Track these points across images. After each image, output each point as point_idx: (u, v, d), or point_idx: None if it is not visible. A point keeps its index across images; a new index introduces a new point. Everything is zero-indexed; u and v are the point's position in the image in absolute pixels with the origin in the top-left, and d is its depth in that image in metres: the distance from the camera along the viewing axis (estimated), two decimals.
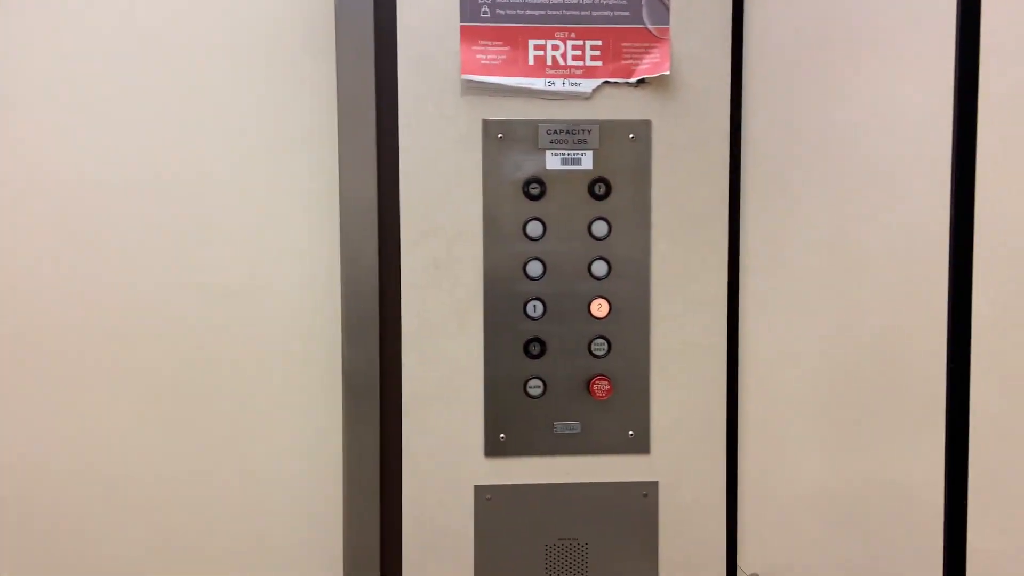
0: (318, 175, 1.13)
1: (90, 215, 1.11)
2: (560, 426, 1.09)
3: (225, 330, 1.13)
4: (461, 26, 1.03)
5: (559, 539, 1.10)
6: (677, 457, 1.09)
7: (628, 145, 1.06)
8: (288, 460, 1.16)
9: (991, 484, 0.61)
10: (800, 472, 0.94)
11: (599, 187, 1.06)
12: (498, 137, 1.05)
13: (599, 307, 1.07)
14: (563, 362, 1.08)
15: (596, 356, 1.08)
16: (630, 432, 1.09)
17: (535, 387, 1.08)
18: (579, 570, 1.10)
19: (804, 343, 0.91)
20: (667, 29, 1.05)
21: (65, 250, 1.11)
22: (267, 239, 1.13)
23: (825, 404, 0.87)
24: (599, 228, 1.07)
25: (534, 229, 1.06)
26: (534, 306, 1.07)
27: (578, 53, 1.04)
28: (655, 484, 1.10)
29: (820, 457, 0.89)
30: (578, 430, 1.09)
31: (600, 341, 1.08)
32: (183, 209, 1.12)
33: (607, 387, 1.08)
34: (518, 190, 1.06)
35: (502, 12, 1.03)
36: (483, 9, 1.03)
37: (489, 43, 1.03)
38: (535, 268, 1.07)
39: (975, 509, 0.63)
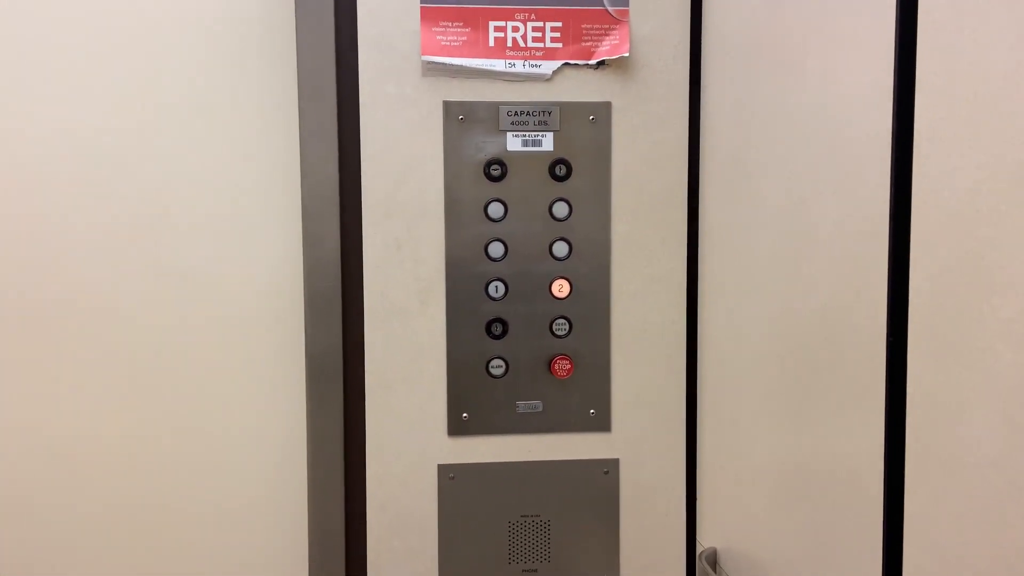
0: (279, 156, 1.13)
1: (48, 200, 1.11)
2: (522, 405, 1.10)
3: (188, 313, 1.13)
4: (421, 7, 1.03)
5: (522, 516, 1.11)
6: (637, 435, 1.11)
7: (588, 126, 1.07)
8: (252, 442, 1.16)
9: (926, 457, 0.63)
10: (753, 448, 0.96)
11: (560, 168, 1.07)
12: (459, 119, 1.05)
13: (560, 287, 1.09)
14: (525, 342, 1.09)
15: (557, 336, 1.09)
16: (591, 411, 1.11)
17: (497, 367, 1.09)
18: (542, 546, 1.12)
19: (756, 322, 0.93)
20: (627, 11, 1.06)
21: (24, 237, 1.11)
22: (228, 221, 1.13)
23: (774, 381, 0.89)
24: (560, 209, 1.08)
25: (495, 210, 1.07)
26: (496, 287, 1.08)
27: (538, 35, 1.05)
28: (616, 461, 1.11)
29: (770, 433, 0.91)
30: (540, 409, 1.10)
31: (561, 321, 1.09)
32: (143, 192, 1.12)
33: (568, 366, 1.09)
34: (479, 171, 1.06)
35: None
36: None
37: (449, 24, 1.03)
38: (496, 249, 1.08)
39: (912, 481, 0.65)
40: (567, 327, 1.09)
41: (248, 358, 1.15)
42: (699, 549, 1.11)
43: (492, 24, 1.04)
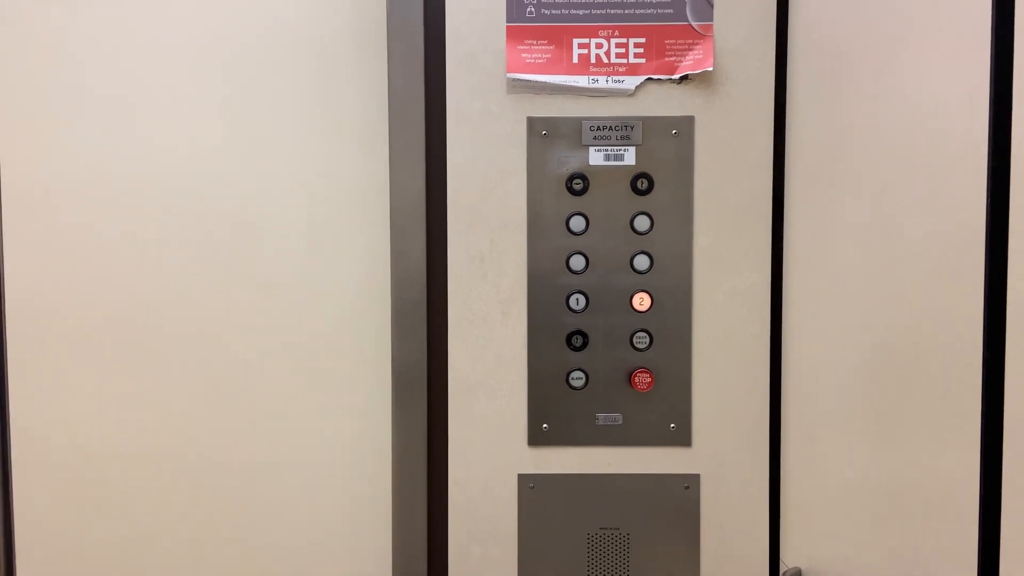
0: (369, 170, 1.17)
1: (144, 212, 1.18)
2: (602, 417, 1.11)
3: (278, 321, 1.19)
4: (507, 26, 1.06)
5: (601, 529, 1.11)
6: (719, 450, 1.10)
7: (671, 140, 1.07)
8: (339, 448, 1.20)
9: None
10: (841, 465, 0.94)
11: (641, 182, 1.08)
12: (542, 134, 1.07)
13: (641, 301, 1.09)
14: (605, 354, 1.10)
15: (638, 349, 1.10)
16: (672, 425, 1.10)
17: (577, 378, 1.10)
18: (621, 559, 1.12)
19: (845, 336, 0.91)
20: (711, 26, 1.06)
21: (121, 245, 1.18)
22: (319, 233, 1.18)
23: (864, 397, 0.87)
24: (641, 223, 1.08)
25: (577, 224, 1.08)
26: (576, 299, 1.09)
27: (621, 51, 1.06)
28: (697, 477, 1.11)
29: (861, 450, 0.89)
30: (620, 422, 1.10)
31: (642, 334, 1.09)
32: (236, 205, 1.18)
33: (648, 380, 1.09)
34: (561, 185, 1.08)
35: (547, 12, 1.06)
36: (528, 10, 1.06)
37: (534, 42, 1.06)
38: (578, 262, 1.09)
39: (1009, 502, 0.63)
40: (648, 340, 1.09)
41: (336, 366, 1.19)
42: (782, 569, 1.09)
43: (576, 41, 1.06)
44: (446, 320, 1.09)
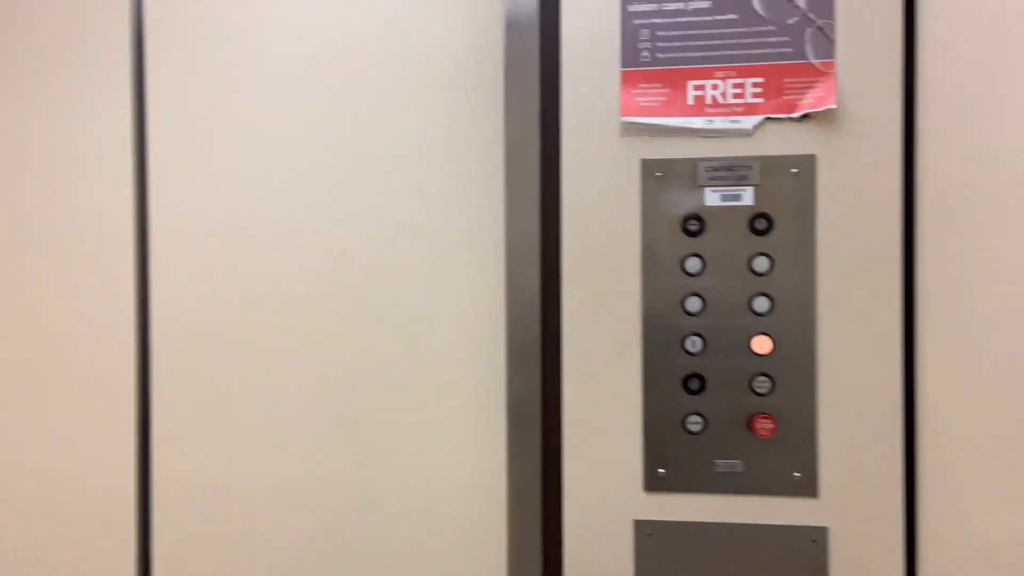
0: (485, 211, 1.20)
1: (264, 244, 1.25)
2: (721, 464, 1.07)
3: (394, 358, 1.23)
4: (622, 71, 1.07)
5: None
6: (848, 502, 1.04)
7: (791, 180, 1.05)
8: (454, 485, 1.22)
9: None
10: (985, 523, 0.87)
11: (760, 223, 1.06)
12: (657, 175, 1.07)
13: (761, 344, 1.06)
14: (723, 399, 1.07)
15: (758, 394, 1.06)
16: (796, 473, 1.06)
17: (694, 423, 1.07)
18: None
19: (986, 385, 0.85)
20: (832, 63, 1.04)
21: (236, 280, 1.26)
22: (437, 272, 1.22)
23: (1013, 450, 0.80)
24: (760, 264, 1.06)
25: (693, 265, 1.07)
26: (693, 341, 1.07)
27: (738, 91, 1.05)
28: (824, 530, 1.05)
29: (1007, 507, 0.82)
30: (740, 469, 1.07)
31: (763, 378, 1.06)
32: (355, 243, 1.24)
33: (770, 426, 1.05)
34: (676, 226, 1.07)
35: (662, 56, 1.07)
36: (643, 54, 1.07)
37: (649, 86, 1.07)
38: (694, 303, 1.07)
39: None
40: (769, 385, 1.06)
41: (452, 404, 1.22)
42: None
43: (691, 83, 1.06)
44: (560, 361, 1.10)
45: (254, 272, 1.27)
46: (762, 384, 1.06)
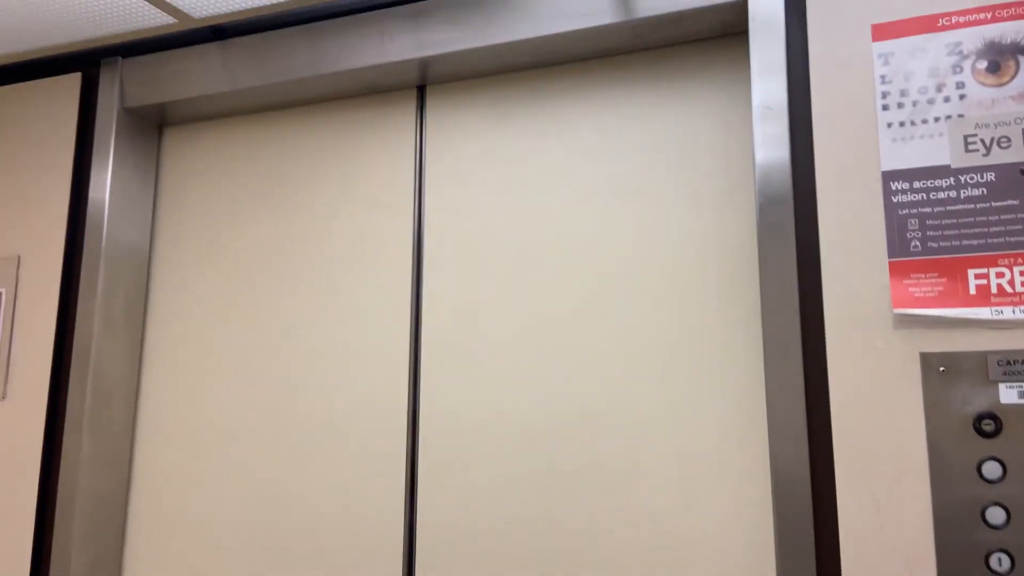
0: (745, 408, 1.16)
1: (535, 447, 1.25)
2: None
3: (658, 545, 1.16)
4: (890, 262, 1.03)
5: None
6: None
7: None
8: None
9: None
10: None
11: None
12: (940, 370, 0.99)
13: None
14: None
15: None
16: None
17: None
18: None
19: None
20: None
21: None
22: (693, 467, 1.17)
23: None
24: None
25: (991, 470, 0.96)
26: (999, 559, 0.94)
27: None
28: None
29: None
30: None
31: None
32: (612, 440, 1.21)
33: None
34: (968, 427, 0.97)
35: (934, 245, 1.01)
36: (913, 244, 1.02)
37: (922, 275, 1.01)
38: (996, 515, 0.95)
39: None
40: None
41: None
42: None
43: (972, 272, 1.00)
44: (839, 567, 1.00)
45: (526, 462, 1.27)
46: None
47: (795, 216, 1.09)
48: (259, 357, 1.45)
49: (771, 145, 1.11)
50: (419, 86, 1.44)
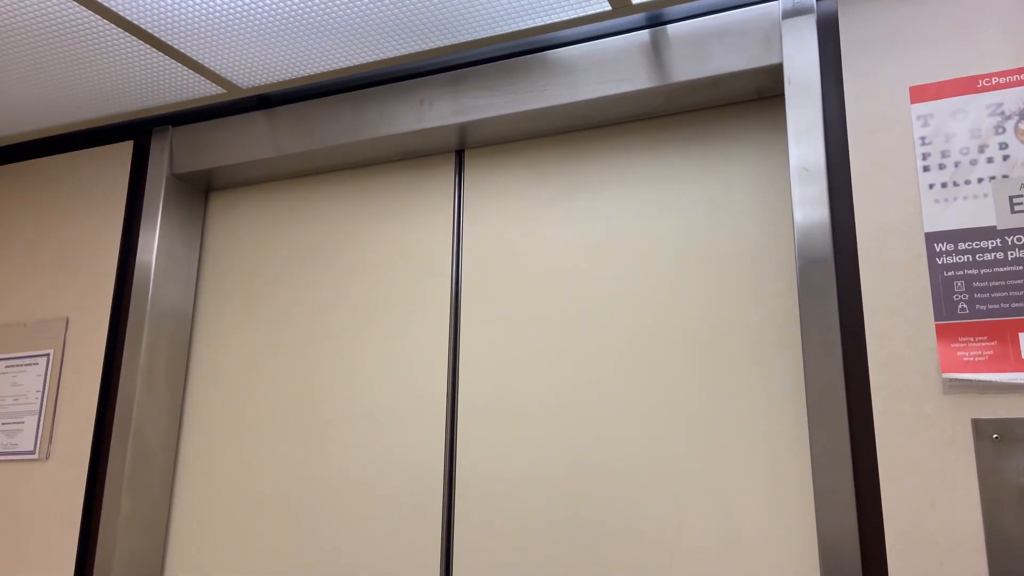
0: (791, 477, 1.12)
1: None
2: None
3: None
4: (937, 325, 1.00)
5: None
6: None
7: None
8: None
9: None
10: None
11: None
12: (993, 437, 0.96)
13: None
14: None
15: None
16: None
17: None
18: None
19: None
20: None
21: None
22: (736, 532, 1.13)
23: None
24: None
25: None
26: None
27: None
28: None
29: None
30: None
31: None
32: (652, 507, 1.18)
33: None
34: None
35: (982, 307, 0.99)
36: (960, 306, 1.00)
37: (971, 339, 0.98)
38: None
39: None
40: None
41: None
42: None
43: (1023, 336, 0.97)
44: None
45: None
46: None
47: (836, 277, 1.07)
48: (297, 419, 1.46)
49: (810, 206, 1.10)
50: (457, 150, 1.47)
